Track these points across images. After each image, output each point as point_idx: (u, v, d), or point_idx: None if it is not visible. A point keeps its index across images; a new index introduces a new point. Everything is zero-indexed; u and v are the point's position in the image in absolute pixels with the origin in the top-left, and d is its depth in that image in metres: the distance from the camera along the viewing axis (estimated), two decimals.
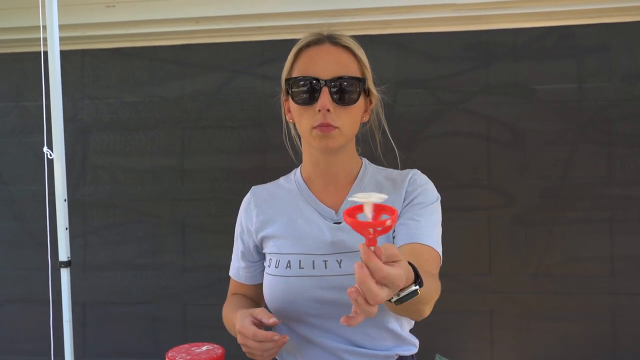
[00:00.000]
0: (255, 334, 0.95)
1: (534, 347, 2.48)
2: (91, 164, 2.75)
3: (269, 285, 1.13)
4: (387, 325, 1.11)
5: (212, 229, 2.66)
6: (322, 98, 1.04)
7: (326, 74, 1.05)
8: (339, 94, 1.05)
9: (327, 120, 1.04)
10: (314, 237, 1.11)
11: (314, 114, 1.05)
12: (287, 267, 1.10)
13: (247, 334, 0.95)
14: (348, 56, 1.09)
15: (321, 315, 1.07)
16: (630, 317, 2.43)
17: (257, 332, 0.95)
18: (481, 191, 2.51)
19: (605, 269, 2.44)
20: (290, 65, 1.12)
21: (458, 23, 2.50)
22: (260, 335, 0.95)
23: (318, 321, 1.08)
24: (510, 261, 2.49)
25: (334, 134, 1.06)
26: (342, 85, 1.05)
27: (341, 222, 1.12)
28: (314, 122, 1.06)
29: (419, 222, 1.07)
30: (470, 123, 2.53)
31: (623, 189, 2.44)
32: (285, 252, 1.12)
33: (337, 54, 1.08)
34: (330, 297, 1.06)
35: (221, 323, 1.23)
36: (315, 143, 1.08)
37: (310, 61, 1.08)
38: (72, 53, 2.71)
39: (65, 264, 1.93)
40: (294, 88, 1.08)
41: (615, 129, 2.45)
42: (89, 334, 2.75)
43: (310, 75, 1.06)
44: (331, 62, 1.06)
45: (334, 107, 1.04)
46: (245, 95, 2.65)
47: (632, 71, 2.44)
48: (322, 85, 1.04)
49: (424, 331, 1.27)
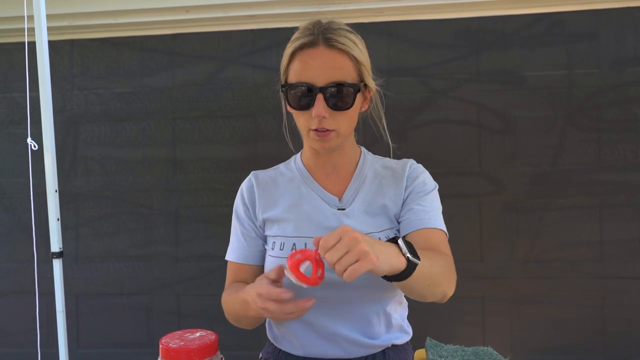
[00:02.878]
0: (279, 294, 0.91)
1: (525, 331, 2.52)
2: (82, 155, 2.73)
3: (271, 267, 1.13)
4: (385, 309, 1.13)
5: (205, 219, 2.66)
6: (317, 106, 1.04)
7: (320, 80, 1.04)
8: (334, 100, 1.05)
9: (322, 124, 1.06)
10: (318, 222, 1.13)
11: (310, 117, 1.07)
12: (292, 250, 1.11)
13: (270, 294, 0.91)
14: (343, 58, 1.07)
15: (323, 298, 1.08)
16: (618, 300, 2.47)
17: (279, 292, 0.91)
18: (472, 178, 2.53)
19: (595, 254, 2.48)
20: (286, 65, 1.11)
21: (448, 10, 2.50)
22: (284, 294, 0.91)
23: (319, 304, 1.09)
24: (501, 247, 2.52)
25: (331, 136, 1.08)
26: (336, 91, 1.05)
27: (345, 208, 1.14)
28: (310, 125, 1.07)
29: (425, 208, 1.12)
30: (460, 110, 2.54)
31: (612, 175, 2.46)
32: (289, 235, 1.13)
33: (331, 58, 1.06)
34: (333, 279, 1.06)
35: (215, 312, 1.22)
36: (313, 144, 1.11)
37: (305, 66, 1.06)
38: (61, 43, 2.69)
39: (57, 255, 1.93)
40: (289, 93, 1.09)
41: (604, 115, 2.47)
42: (83, 325, 2.75)
43: (305, 81, 1.05)
44: (325, 67, 1.05)
45: (329, 113, 1.05)
46: (236, 84, 2.65)
47: (620, 57, 2.46)
48: (317, 92, 1.04)
49: (416, 317, 1.28)
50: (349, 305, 1.11)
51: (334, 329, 1.11)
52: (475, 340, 2.52)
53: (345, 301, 1.10)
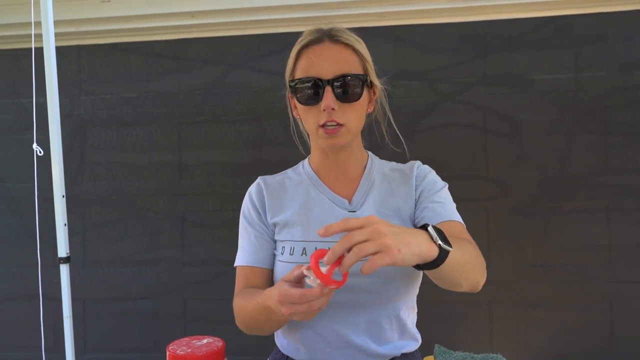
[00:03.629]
0: (303, 295, 0.86)
1: (532, 336, 2.50)
2: (89, 160, 2.74)
3: (282, 272, 1.12)
4: (398, 313, 1.12)
5: (211, 223, 2.66)
6: (326, 97, 1.05)
7: (328, 73, 1.06)
8: (342, 92, 1.07)
9: (332, 117, 1.06)
10: None
11: (319, 112, 1.07)
12: (302, 254, 1.10)
13: (294, 297, 0.87)
14: (348, 52, 1.10)
15: (336, 302, 1.07)
16: (627, 305, 2.44)
17: (304, 292, 0.87)
18: (479, 182, 2.52)
19: (603, 258, 2.45)
20: (293, 65, 1.13)
21: (454, 14, 2.50)
22: (309, 294, 0.86)
23: (332, 309, 1.08)
24: (508, 251, 2.50)
25: (341, 132, 1.08)
26: (344, 83, 1.06)
27: (356, 210, 1.13)
28: (319, 120, 1.08)
29: (442, 204, 1.13)
30: (467, 114, 2.53)
31: (620, 178, 2.44)
32: (298, 240, 1.12)
33: (337, 52, 1.09)
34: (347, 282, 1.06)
35: (221, 317, 1.22)
36: (322, 142, 1.11)
37: (312, 61, 1.09)
38: (68, 49, 2.71)
39: (64, 260, 1.93)
40: (297, 89, 1.10)
41: (612, 119, 2.45)
42: (89, 330, 2.75)
43: (313, 75, 1.07)
44: (332, 60, 1.08)
45: (338, 105, 1.07)
46: (241, 89, 2.65)
47: (628, 60, 2.44)
48: (325, 85, 1.06)
49: (424, 323, 1.27)
50: (360, 310, 1.10)
51: (344, 336, 1.10)
52: (482, 346, 2.51)
53: (356, 305, 1.09)
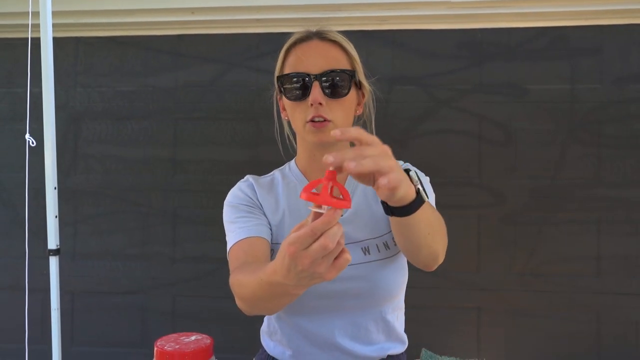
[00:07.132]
0: (314, 228, 0.66)
1: (520, 344, 2.51)
2: (82, 152, 2.73)
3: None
4: (385, 316, 1.13)
5: (203, 220, 2.65)
6: (314, 92, 1.05)
7: (316, 68, 1.06)
8: (330, 87, 1.06)
9: (319, 112, 1.06)
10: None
11: (307, 108, 1.07)
12: None
13: (306, 235, 0.66)
14: (337, 50, 1.10)
15: (322, 306, 1.08)
16: (614, 316, 2.46)
17: (314, 224, 0.66)
18: (472, 189, 2.53)
19: (592, 269, 2.47)
20: (281, 63, 1.14)
21: (453, 21, 2.51)
22: (319, 224, 0.66)
23: (318, 312, 1.08)
24: (498, 259, 2.52)
25: (328, 127, 1.07)
26: (332, 78, 1.06)
27: (343, 214, 1.12)
28: (306, 116, 1.07)
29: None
30: (462, 121, 2.54)
31: (611, 191, 2.47)
32: None
33: (325, 49, 1.10)
34: (333, 288, 1.06)
35: (210, 314, 1.21)
36: (310, 137, 1.10)
37: (300, 57, 1.09)
38: (66, 40, 2.69)
39: (54, 252, 1.93)
40: (285, 85, 1.09)
41: (605, 131, 2.47)
42: (77, 322, 2.74)
43: (301, 71, 1.07)
44: (320, 56, 1.08)
45: (325, 101, 1.06)
46: (239, 88, 2.65)
47: (623, 74, 2.47)
48: (313, 79, 1.06)
49: (411, 326, 1.28)
50: (346, 313, 1.10)
51: (329, 338, 1.11)
52: (469, 352, 2.52)
53: (343, 309, 1.10)
